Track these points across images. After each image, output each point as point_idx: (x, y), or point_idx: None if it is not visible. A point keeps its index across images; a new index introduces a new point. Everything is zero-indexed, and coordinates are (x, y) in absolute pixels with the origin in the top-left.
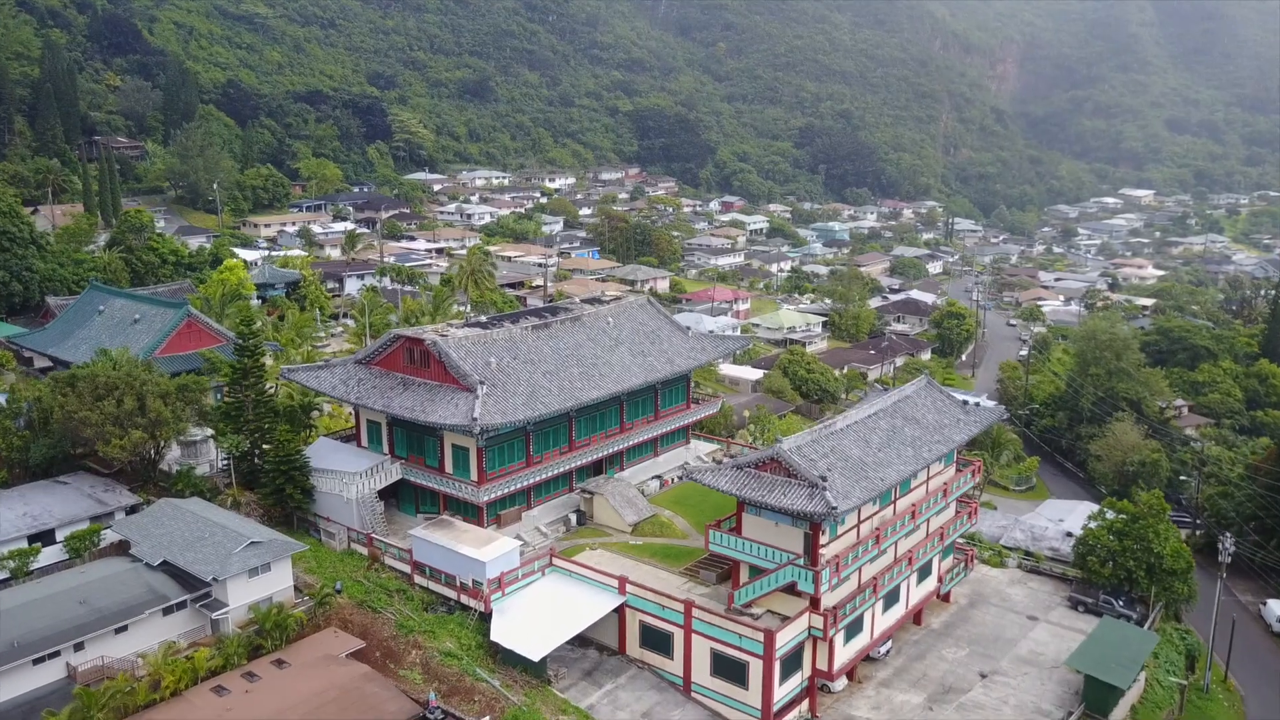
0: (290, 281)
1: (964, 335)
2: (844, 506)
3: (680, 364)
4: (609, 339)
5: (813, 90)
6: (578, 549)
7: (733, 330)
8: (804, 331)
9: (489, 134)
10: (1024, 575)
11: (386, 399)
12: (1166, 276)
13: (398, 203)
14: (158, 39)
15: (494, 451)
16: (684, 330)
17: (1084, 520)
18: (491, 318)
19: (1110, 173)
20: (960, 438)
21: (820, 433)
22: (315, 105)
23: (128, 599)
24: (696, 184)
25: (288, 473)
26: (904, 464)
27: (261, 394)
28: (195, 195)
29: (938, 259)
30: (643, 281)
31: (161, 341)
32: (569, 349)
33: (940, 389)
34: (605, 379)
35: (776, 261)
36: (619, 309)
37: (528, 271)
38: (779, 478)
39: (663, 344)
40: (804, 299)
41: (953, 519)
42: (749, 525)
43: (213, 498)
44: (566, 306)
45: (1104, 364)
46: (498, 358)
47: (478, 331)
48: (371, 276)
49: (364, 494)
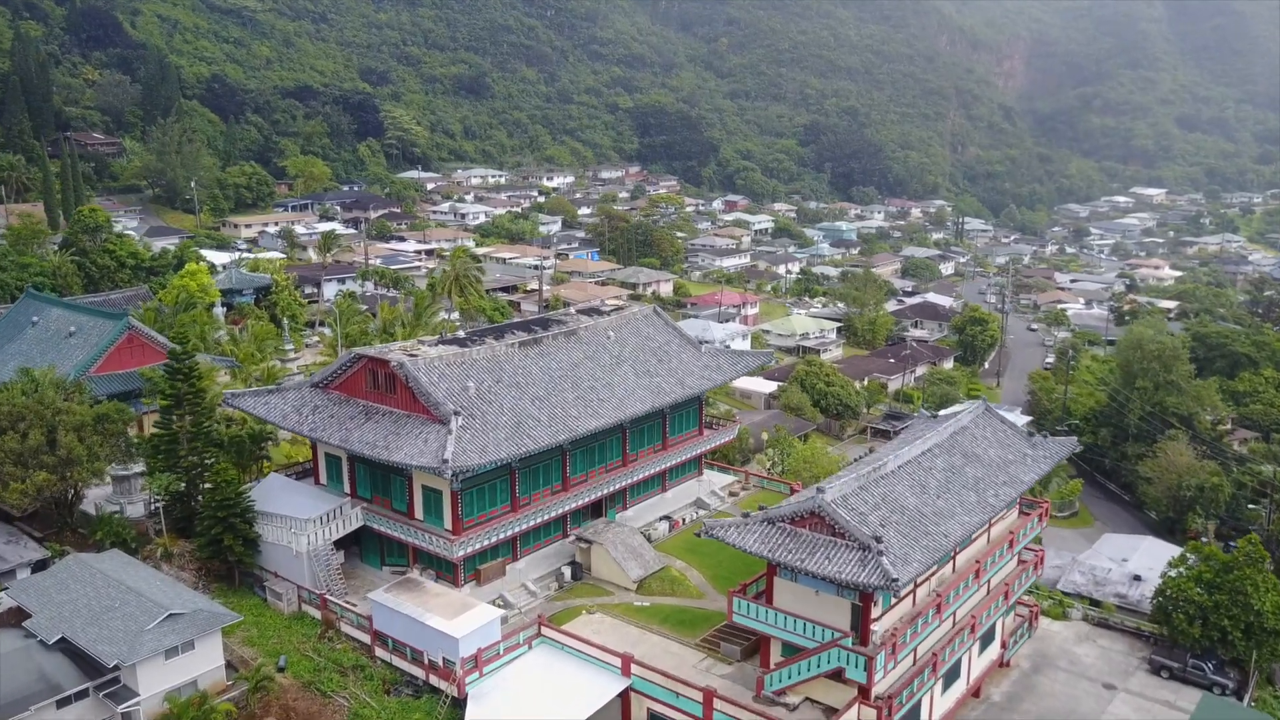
0: (260, 287)
1: (988, 342)
2: (905, 576)
3: (692, 385)
4: (609, 357)
5: (817, 87)
6: (572, 613)
7: (742, 338)
8: (818, 338)
9: (485, 131)
10: (1092, 630)
11: (345, 431)
12: (1184, 277)
13: (388, 202)
14: (140, 32)
15: (472, 495)
16: (696, 345)
17: (1151, 560)
18: (471, 333)
19: (1120, 171)
20: (1029, 477)
21: (868, 476)
22: (304, 101)
23: (14, 689)
24: (699, 182)
25: (226, 519)
26: (969, 514)
27: (200, 423)
28: (173, 194)
29: (949, 260)
30: (644, 284)
31: (98, 358)
32: (563, 369)
33: (1000, 417)
34: (605, 404)
35: (784, 263)
36: (621, 321)
37: (523, 275)
38: (821, 536)
39: (671, 361)
40: (815, 302)
41: (1017, 572)
42: (782, 592)
43: (140, 548)
44: (560, 319)
45: (1151, 376)
46: (478, 381)
47: (454, 350)
48: (353, 280)
49: (317, 546)
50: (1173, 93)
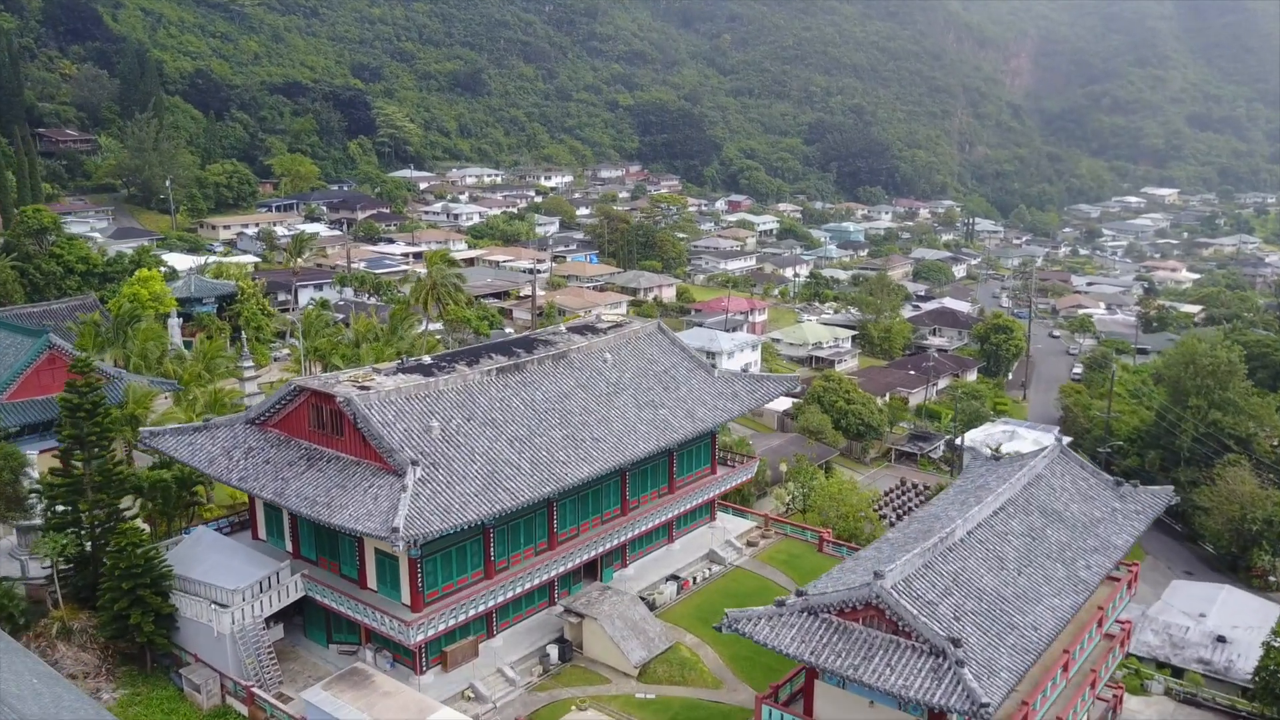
0: (223, 295)
1: (1013, 352)
2: (996, 696)
3: (704, 418)
4: (606, 385)
5: (822, 84)
6: (559, 708)
7: (752, 348)
8: (832, 348)
9: (481, 129)
10: (1177, 707)
11: (281, 482)
12: (1202, 280)
13: (377, 202)
14: (122, 26)
15: (436, 561)
16: (707, 368)
17: (1234, 615)
18: (439, 358)
19: (1131, 170)
20: (1122, 540)
21: (933, 549)
22: (293, 98)
23: None
24: (701, 182)
25: (133, 591)
26: (1059, 594)
27: (108, 468)
28: (149, 193)
29: (961, 262)
30: (646, 289)
31: (12, 382)
32: (549, 401)
33: (1079, 460)
34: (601, 445)
35: (791, 265)
36: (620, 340)
37: (516, 280)
38: (879, 634)
39: (680, 389)
40: (826, 308)
41: (1104, 652)
42: (826, 700)
43: (31, 624)
44: (548, 338)
45: (1206, 394)
46: (444, 419)
47: (417, 380)
48: (331, 286)
49: (244, 625)
50: (1183, 91)
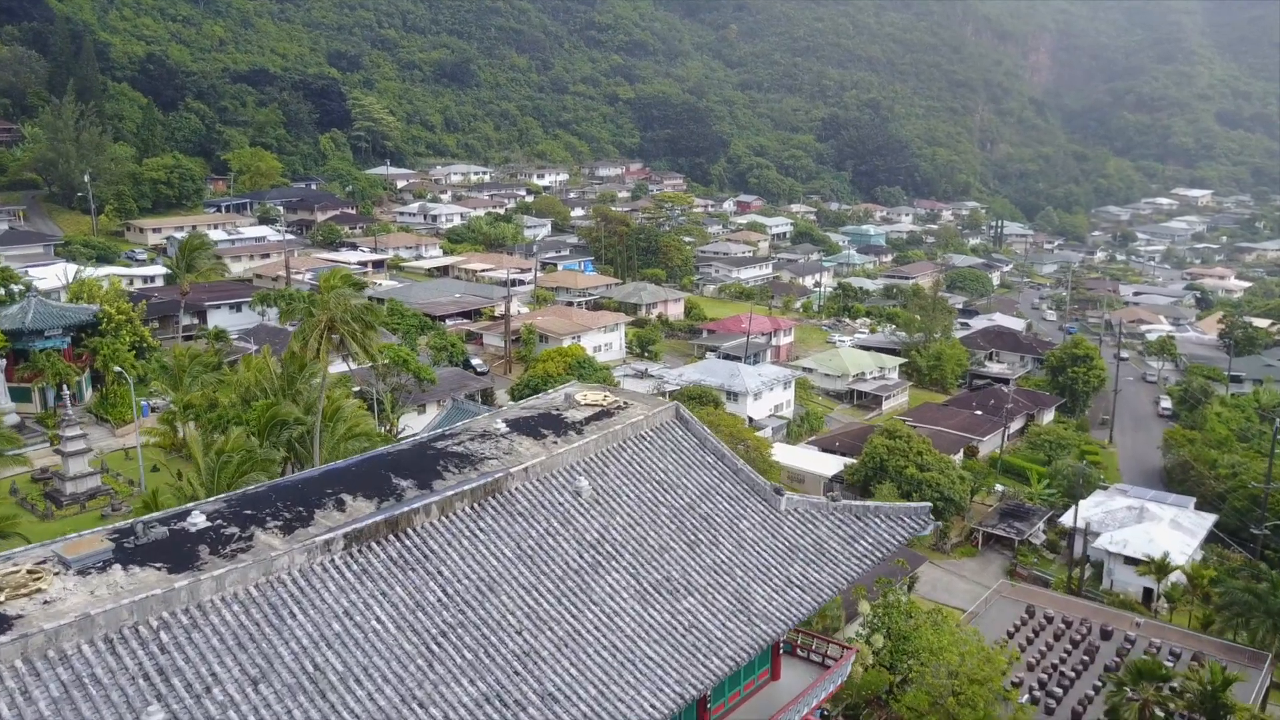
0: (79, 324)
1: (1093, 385)
2: None
3: (772, 611)
4: (576, 547)
5: (836, 78)
6: None
7: (784, 385)
8: (876, 379)
9: (468, 123)
10: None
11: None
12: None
13: (343, 202)
14: (66, 6)
15: None
16: (767, 490)
17: None
18: (231, 503)
19: (1160, 171)
20: None
21: None
22: (258, 86)
23: None
24: (707, 181)
25: None
26: None
27: None
28: (70, 191)
29: (993, 269)
30: (648, 305)
31: None
32: (456, 606)
33: None
34: (563, 709)
35: (810, 273)
36: (605, 444)
37: (490, 296)
38: None
39: (721, 544)
40: (858, 324)
41: None
42: None
43: None
44: (467, 448)
45: None
46: (196, 684)
47: (137, 591)
48: (251, 306)
49: None
50: (1210, 88)
